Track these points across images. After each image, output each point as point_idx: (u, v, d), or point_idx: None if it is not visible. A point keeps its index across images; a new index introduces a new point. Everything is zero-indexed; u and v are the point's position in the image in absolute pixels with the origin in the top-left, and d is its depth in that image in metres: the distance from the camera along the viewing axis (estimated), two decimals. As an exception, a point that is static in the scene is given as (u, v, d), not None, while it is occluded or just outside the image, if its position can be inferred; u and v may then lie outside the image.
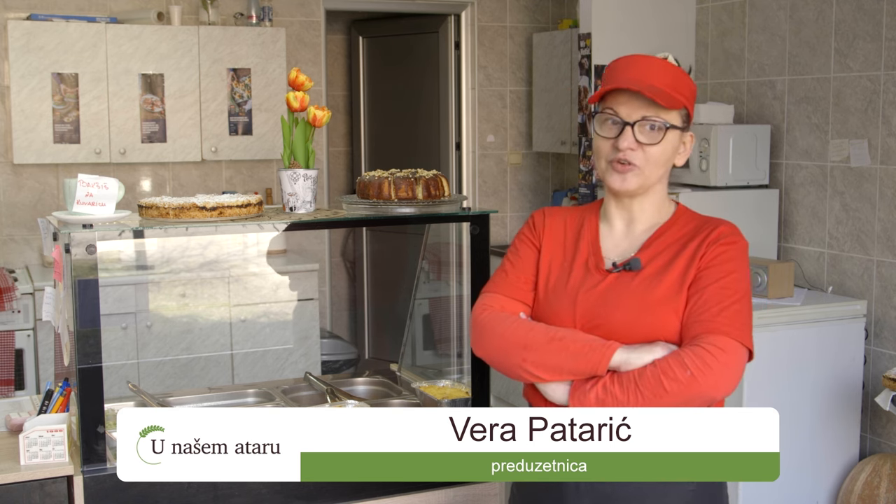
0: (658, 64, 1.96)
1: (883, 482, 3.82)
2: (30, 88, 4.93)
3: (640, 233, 2.04)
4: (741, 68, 4.77)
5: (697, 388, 1.84)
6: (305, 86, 2.70)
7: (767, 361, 3.90)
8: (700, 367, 1.84)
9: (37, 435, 2.40)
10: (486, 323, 2.03)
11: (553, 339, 1.93)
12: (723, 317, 1.89)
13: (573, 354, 1.90)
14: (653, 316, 1.92)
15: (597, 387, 1.89)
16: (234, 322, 5.04)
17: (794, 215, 4.52)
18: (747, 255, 1.99)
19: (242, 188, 5.66)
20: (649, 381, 1.86)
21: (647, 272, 1.96)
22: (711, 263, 1.94)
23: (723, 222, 2.01)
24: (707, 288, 1.92)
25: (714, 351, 1.85)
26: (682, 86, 1.97)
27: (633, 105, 1.94)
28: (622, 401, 1.87)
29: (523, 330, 1.97)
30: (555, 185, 6.37)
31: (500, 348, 1.99)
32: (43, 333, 4.73)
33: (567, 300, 1.99)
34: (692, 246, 1.96)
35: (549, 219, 2.12)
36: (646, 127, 1.94)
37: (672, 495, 1.93)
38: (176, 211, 2.50)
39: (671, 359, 1.87)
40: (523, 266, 2.09)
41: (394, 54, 6.65)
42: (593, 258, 2.03)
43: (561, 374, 1.92)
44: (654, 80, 1.94)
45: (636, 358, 1.88)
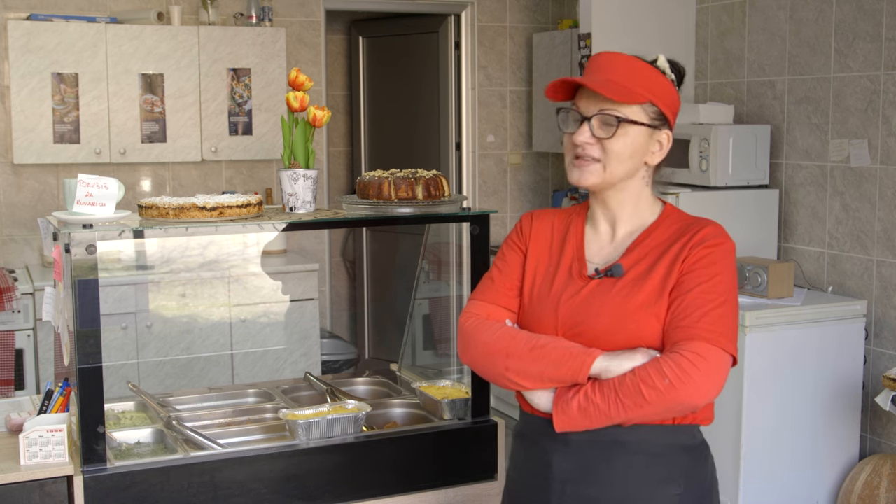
0: (621, 60, 1.95)
1: (883, 482, 3.82)
2: (30, 88, 4.93)
3: (625, 236, 2.01)
4: (741, 68, 4.77)
5: (676, 396, 1.82)
6: (305, 86, 2.70)
7: (767, 361, 3.91)
8: (679, 375, 1.81)
9: (37, 435, 2.40)
10: (470, 331, 2.02)
11: (535, 347, 1.92)
12: (704, 322, 1.85)
13: (554, 362, 1.89)
14: (634, 323, 1.90)
15: (578, 395, 1.88)
16: (234, 322, 5.04)
17: (794, 215, 4.52)
18: (733, 257, 1.94)
19: (242, 188, 5.66)
20: (629, 390, 1.83)
21: (629, 278, 1.94)
22: (694, 267, 1.90)
23: (709, 223, 1.96)
24: (689, 292, 1.88)
25: (693, 358, 1.82)
26: (648, 81, 1.93)
27: (591, 100, 1.93)
28: (603, 410, 1.85)
29: (506, 338, 1.96)
30: (555, 185, 6.37)
31: (484, 356, 1.98)
32: (43, 333, 4.73)
33: (549, 307, 1.98)
34: (675, 249, 1.93)
35: (537, 222, 2.11)
36: (601, 121, 1.93)
37: (658, 499, 1.92)
38: (176, 211, 2.50)
39: (650, 367, 1.84)
40: (509, 272, 2.08)
41: (394, 54, 6.65)
42: (577, 263, 2.01)
43: (542, 381, 1.91)
44: (613, 75, 1.92)
45: (616, 365, 1.86)
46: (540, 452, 1.99)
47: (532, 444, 2.02)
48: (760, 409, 3.90)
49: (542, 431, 1.97)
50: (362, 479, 2.63)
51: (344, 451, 2.62)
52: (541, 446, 1.99)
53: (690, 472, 1.96)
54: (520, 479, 2.06)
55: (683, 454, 1.95)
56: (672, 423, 1.93)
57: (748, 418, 3.88)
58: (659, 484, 1.92)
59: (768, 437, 3.94)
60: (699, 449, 1.99)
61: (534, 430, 2.01)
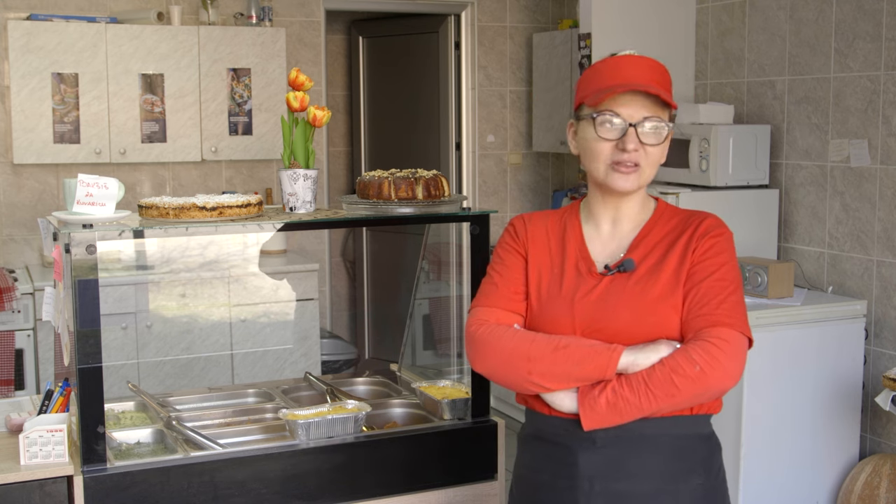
0: (649, 63, 1.97)
1: (883, 482, 3.82)
2: (30, 88, 4.93)
3: (627, 232, 2.03)
4: (741, 68, 4.77)
5: (706, 382, 1.86)
6: (305, 86, 2.70)
7: (768, 361, 3.90)
8: (708, 360, 1.86)
9: (37, 435, 2.40)
10: (485, 338, 2.00)
11: (557, 348, 1.92)
12: (722, 309, 1.91)
13: (579, 361, 1.90)
14: (654, 315, 1.93)
15: (606, 391, 1.89)
16: (233, 322, 5.04)
17: (794, 215, 4.52)
18: (734, 245, 2.01)
19: (242, 188, 5.66)
20: (660, 381, 1.86)
21: (641, 271, 1.97)
22: (704, 257, 1.95)
23: (707, 215, 2.02)
24: (703, 281, 1.93)
25: (720, 343, 1.87)
26: (670, 84, 2.00)
27: (634, 106, 1.93)
28: (634, 403, 1.87)
29: (526, 341, 1.95)
30: (555, 185, 6.37)
31: (504, 362, 1.96)
32: (43, 333, 4.73)
33: (564, 307, 1.98)
34: (682, 241, 1.97)
35: (531, 225, 2.10)
36: (647, 127, 1.94)
37: (683, 491, 1.95)
38: (176, 211, 2.50)
39: (678, 355, 1.87)
40: (512, 276, 2.07)
41: (394, 54, 6.65)
42: (584, 262, 2.02)
43: (568, 381, 1.92)
44: (651, 80, 1.95)
45: (643, 358, 1.89)
46: (564, 453, 1.98)
47: (553, 445, 2.01)
48: (760, 409, 3.90)
49: (563, 431, 1.97)
50: (362, 479, 2.63)
51: (344, 451, 2.62)
52: (564, 446, 1.98)
53: (708, 461, 2.00)
54: (540, 482, 2.04)
55: (702, 444, 1.99)
56: (690, 414, 1.96)
57: (748, 418, 3.88)
58: (684, 475, 1.96)
59: (768, 438, 3.94)
60: (713, 439, 2.03)
61: (554, 432, 2.00)
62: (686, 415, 1.95)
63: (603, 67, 1.99)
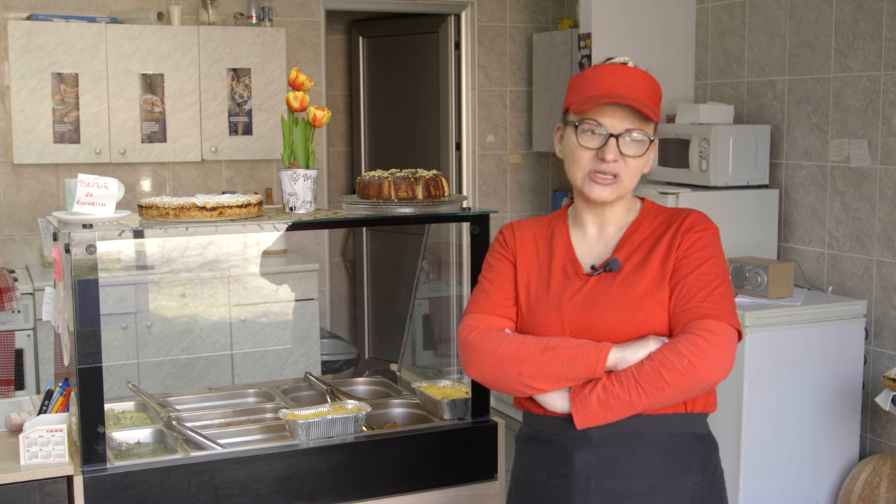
0: (640, 76, 1.98)
1: (883, 482, 3.82)
2: (30, 88, 4.93)
3: (613, 234, 2.05)
4: (741, 68, 4.77)
5: (695, 374, 1.86)
6: (305, 86, 2.70)
7: (767, 361, 3.90)
8: (696, 353, 1.86)
9: (37, 435, 2.40)
10: (475, 343, 2.01)
11: (546, 349, 1.93)
12: (709, 301, 1.92)
13: (568, 361, 1.91)
14: (641, 312, 1.94)
15: (596, 389, 1.90)
16: (233, 322, 5.04)
17: (794, 215, 4.52)
18: (720, 239, 2.01)
19: (242, 188, 5.66)
20: (649, 375, 1.87)
21: (627, 270, 1.98)
22: (689, 252, 1.96)
23: (692, 211, 2.04)
24: (689, 276, 1.94)
25: (707, 336, 1.88)
26: (659, 98, 2.01)
27: (617, 117, 1.94)
28: (624, 399, 1.88)
29: (515, 344, 1.97)
30: (554, 185, 6.37)
31: (495, 366, 1.98)
32: (43, 333, 4.73)
33: (552, 309, 2.00)
34: (667, 237, 1.99)
35: (519, 233, 2.13)
36: (628, 139, 1.95)
37: (679, 489, 1.96)
38: (176, 211, 2.50)
39: (666, 349, 1.88)
40: (501, 283, 2.09)
41: (394, 54, 6.65)
42: (571, 265, 2.04)
43: (559, 381, 1.93)
44: (638, 94, 1.95)
45: (631, 354, 1.90)
46: (558, 452, 2.00)
47: (547, 445, 2.02)
48: (760, 409, 3.90)
49: (558, 431, 1.98)
50: (362, 479, 2.63)
51: (344, 451, 2.62)
52: (559, 446, 1.99)
53: (705, 460, 2.01)
54: (536, 482, 2.06)
55: (697, 443, 2.00)
56: (685, 412, 1.97)
57: (748, 418, 3.88)
58: (680, 473, 1.96)
59: (768, 437, 3.94)
60: (710, 438, 2.04)
61: (548, 432, 2.01)
62: (680, 413, 1.96)
63: (592, 75, 1.99)
